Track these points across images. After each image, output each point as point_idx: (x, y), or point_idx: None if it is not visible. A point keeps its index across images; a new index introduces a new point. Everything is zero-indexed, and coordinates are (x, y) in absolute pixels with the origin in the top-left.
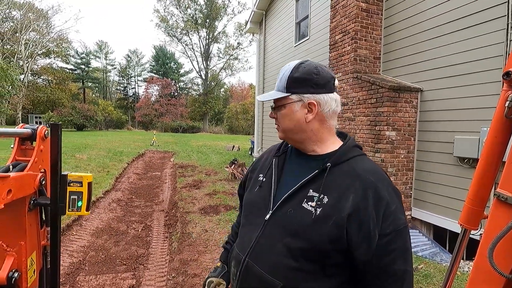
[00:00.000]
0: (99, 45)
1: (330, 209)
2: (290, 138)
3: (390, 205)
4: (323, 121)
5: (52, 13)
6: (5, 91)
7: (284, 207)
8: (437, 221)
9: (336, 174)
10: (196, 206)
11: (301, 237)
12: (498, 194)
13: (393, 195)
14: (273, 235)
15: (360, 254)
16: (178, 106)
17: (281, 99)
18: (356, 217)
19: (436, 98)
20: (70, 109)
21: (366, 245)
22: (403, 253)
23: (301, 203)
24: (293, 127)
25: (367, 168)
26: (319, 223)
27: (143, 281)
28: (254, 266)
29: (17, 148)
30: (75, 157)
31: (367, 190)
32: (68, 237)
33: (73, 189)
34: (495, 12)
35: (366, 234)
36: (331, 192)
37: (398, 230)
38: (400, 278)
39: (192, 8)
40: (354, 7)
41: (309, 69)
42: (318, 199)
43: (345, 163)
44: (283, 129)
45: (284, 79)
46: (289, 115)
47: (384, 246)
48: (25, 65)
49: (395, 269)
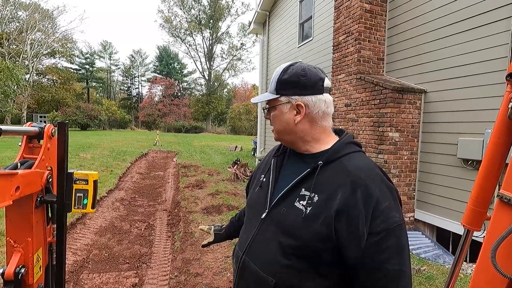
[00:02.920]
0: (104, 45)
1: (319, 208)
2: (282, 139)
3: (381, 202)
4: (313, 122)
5: (57, 13)
6: (10, 90)
7: (279, 206)
8: (441, 223)
9: (327, 172)
10: (199, 206)
11: (293, 236)
12: (501, 195)
13: (385, 192)
14: (268, 233)
15: (350, 252)
16: (181, 106)
17: (272, 101)
18: (344, 215)
19: (440, 100)
20: (74, 108)
21: (356, 244)
22: (397, 253)
23: (293, 202)
24: (284, 129)
25: (359, 165)
26: (308, 222)
27: (146, 280)
28: (250, 263)
29: (25, 146)
30: (79, 156)
31: (356, 187)
32: (72, 236)
33: (79, 186)
34: (500, 13)
35: (355, 233)
36: (321, 191)
37: (390, 228)
38: (395, 278)
39: (196, 9)
40: (358, 8)
41: (296, 72)
42: (309, 198)
43: (338, 161)
44: (276, 130)
45: (274, 81)
46: (278, 117)
47: (375, 244)
48: (30, 65)
49: (388, 268)
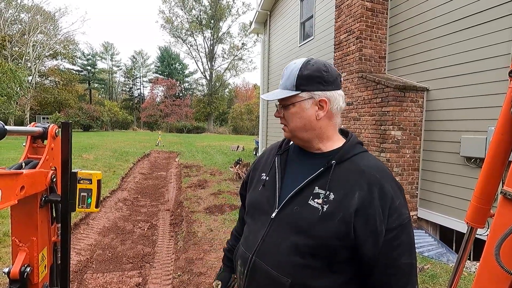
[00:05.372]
0: (105, 47)
1: (336, 206)
2: (298, 137)
3: (395, 200)
4: (331, 118)
5: (59, 15)
6: (13, 92)
7: (290, 205)
8: (444, 221)
9: (341, 171)
10: (201, 205)
11: (308, 234)
12: (505, 192)
13: (396, 190)
14: (280, 233)
15: (368, 249)
16: (183, 107)
17: (290, 98)
18: (363, 213)
19: (442, 97)
20: (76, 110)
21: (373, 240)
22: (409, 247)
23: (307, 200)
24: (303, 125)
25: (371, 164)
26: (326, 220)
27: (149, 279)
28: (262, 264)
29: (29, 146)
30: (82, 157)
31: (372, 186)
32: (75, 236)
33: (83, 186)
34: (501, 10)
35: (373, 229)
36: (337, 189)
37: (403, 224)
38: (407, 272)
39: (196, 9)
40: (359, 6)
41: (319, 66)
42: (325, 196)
43: (349, 160)
44: (291, 128)
45: (292, 77)
46: (299, 113)
47: (391, 240)
48: (32, 66)
49: (401, 263)
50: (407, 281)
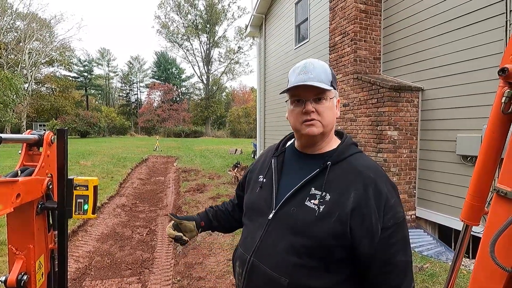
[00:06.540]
0: (101, 53)
1: (332, 206)
2: (324, 133)
3: (390, 199)
4: None
5: (55, 22)
6: (9, 100)
7: (287, 206)
8: (442, 220)
9: (336, 171)
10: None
11: (305, 234)
12: (498, 189)
13: (391, 189)
14: (277, 233)
15: (364, 248)
16: (180, 111)
17: (328, 92)
18: (358, 213)
19: (437, 97)
20: (73, 116)
21: (369, 239)
22: (404, 245)
23: (304, 201)
24: (331, 122)
25: (366, 164)
26: (322, 220)
27: (149, 285)
28: (260, 264)
29: (25, 153)
30: (79, 163)
31: (367, 186)
32: (73, 243)
33: (79, 192)
34: (494, 10)
35: (369, 228)
36: (333, 190)
37: (398, 223)
38: (403, 269)
39: (192, 14)
40: (353, 8)
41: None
42: (321, 197)
43: (345, 161)
44: (326, 123)
45: (328, 73)
46: (332, 109)
47: (387, 239)
48: (29, 74)
49: (397, 260)
50: (403, 279)
